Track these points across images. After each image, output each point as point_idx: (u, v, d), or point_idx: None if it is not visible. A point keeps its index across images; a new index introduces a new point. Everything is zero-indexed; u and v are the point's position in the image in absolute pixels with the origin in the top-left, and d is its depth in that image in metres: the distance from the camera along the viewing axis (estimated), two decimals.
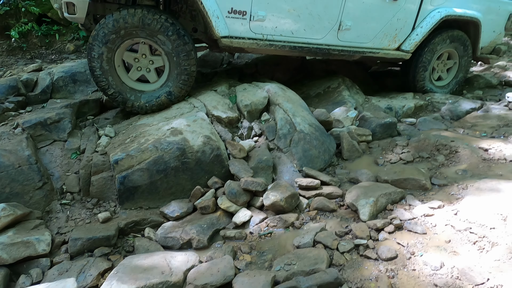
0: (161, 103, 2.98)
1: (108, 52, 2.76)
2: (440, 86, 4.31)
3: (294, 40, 3.28)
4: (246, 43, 3.08)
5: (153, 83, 3.02)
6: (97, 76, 2.79)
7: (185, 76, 2.93)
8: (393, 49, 3.78)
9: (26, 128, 2.64)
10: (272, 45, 3.18)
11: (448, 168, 2.64)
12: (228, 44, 3.02)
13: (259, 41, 3.13)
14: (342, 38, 3.46)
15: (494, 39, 4.42)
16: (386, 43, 3.70)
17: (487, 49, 4.48)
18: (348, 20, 3.39)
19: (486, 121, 3.48)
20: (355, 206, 2.21)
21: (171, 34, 2.77)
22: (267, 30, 3.14)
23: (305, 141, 2.81)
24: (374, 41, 3.62)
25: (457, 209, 2.09)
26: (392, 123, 3.31)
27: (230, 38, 3.01)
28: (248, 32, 3.08)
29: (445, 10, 3.78)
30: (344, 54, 3.54)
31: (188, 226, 2.23)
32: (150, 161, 2.44)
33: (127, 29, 2.71)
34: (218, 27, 2.90)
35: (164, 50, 2.85)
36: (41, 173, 2.42)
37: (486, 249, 1.77)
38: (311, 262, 1.79)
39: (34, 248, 1.96)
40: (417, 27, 3.76)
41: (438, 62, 4.21)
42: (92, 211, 2.42)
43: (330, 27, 3.35)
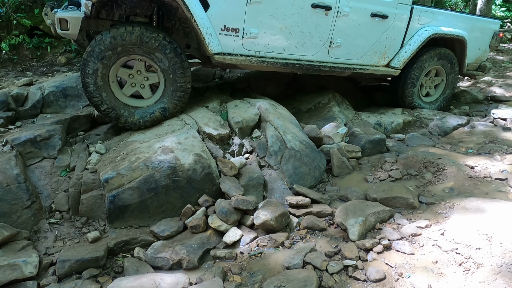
0: (155, 119, 2.99)
1: (103, 68, 2.76)
2: (428, 102, 4.44)
3: (286, 56, 3.36)
4: (239, 59, 3.13)
5: (147, 99, 3.03)
6: (91, 92, 2.79)
7: (181, 93, 2.96)
8: (383, 66, 3.91)
9: (15, 145, 2.62)
10: (264, 61, 3.25)
11: (435, 186, 2.69)
12: (221, 61, 3.07)
13: (252, 57, 3.19)
14: (333, 55, 3.56)
15: (479, 56, 4.61)
16: (375, 60, 3.82)
17: (473, 65, 4.66)
18: (339, 37, 3.48)
19: (472, 137, 3.56)
20: (345, 225, 2.23)
21: (168, 52, 2.80)
22: (260, 47, 3.21)
23: (296, 158, 2.84)
24: (364, 58, 3.73)
25: (444, 229, 2.12)
26: (381, 139, 3.37)
27: (223, 54, 3.07)
28: (240, 49, 3.15)
29: (432, 29, 3.92)
30: (335, 70, 3.62)
31: (178, 245, 2.22)
32: (140, 179, 2.44)
33: (124, 46, 2.73)
34: (211, 44, 2.96)
35: (161, 67, 2.88)
36: (29, 192, 2.39)
37: (472, 270, 1.80)
38: (300, 284, 1.79)
39: (21, 271, 1.93)
40: (406, 45, 3.90)
41: (426, 78, 4.34)
42: (81, 230, 2.40)
43: (321, 44, 3.44)
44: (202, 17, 2.85)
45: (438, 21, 4.00)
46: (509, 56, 7.15)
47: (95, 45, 2.70)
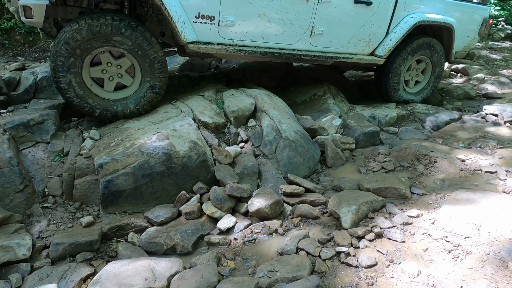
0: (150, 100, 2.94)
1: (75, 77, 2.66)
2: (413, 93, 4.35)
3: (265, 45, 3.22)
4: (215, 48, 3.00)
5: (131, 86, 2.94)
6: (77, 104, 2.74)
7: (158, 64, 2.85)
8: (367, 54, 3.76)
9: (8, 129, 2.58)
10: (242, 50, 3.11)
11: (427, 178, 2.74)
12: (195, 50, 2.94)
13: (229, 46, 3.06)
14: (315, 43, 3.42)
15: (468, 44, 4.48)
16: (359, 49, 3.69)
17: (461, 53, 4.54)
18: (321, 25, 3.35)
19: (464, 132, 3.62)
20: (338, 213, 2.26)
21: (124, 31, 2.65)
22: (237, 35, 3.07)
23: (291, 148, 2.85)
24: (348, 46, 3.59)
25: (435, 218, 2.17)
26: (375, 132, 3.41)
27: (197, 43, 2.93)
28: (217, 37, 3.01)
29: (419, 16, 3.77)
30: (316, 59, 3.51)
31: (172, 231, 2.23)
32: (135, 165, 2.44)
33: (81, 46, 2.60)
34: (185, 32, 2.82)
35: (126, 49, 2.74)
36: (22, 176, 2.37)
37: (461, 257, 1.85)
38: (293, 269, 1.82)
39: (14, 253, 1.92)
40: (391, 32, 3.75)
41: (410, 72, 4.23)
42: (74, 215, 2.40)
43: (302, 32, 3.30)
44: (174, 4, 2.71)
45: (426, 7, 3.84)
46: (503, 54, 7.24)
47: (54, 59, 2.58)
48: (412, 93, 4.35)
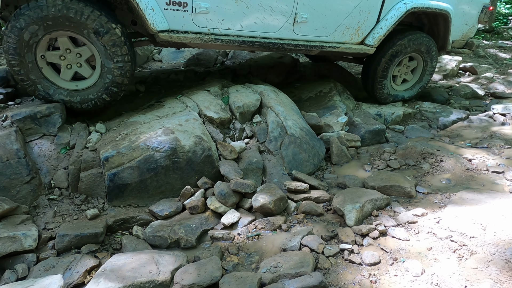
0: (106, 97, 2.80)
1: (27, 60, 2.57)
2: (402, 90, 4.16)
3: (244, 34, 3.03)
4: (188, 37, 2.83)
5: (89, 78, 2.81)
6: (27, 86, 2.67)
7: (119, 56, 2.67)
8: (356, 43, 3.53)
9: (15, 121, 2.60)
10: (218, 39, 2.93)
11: (433, 177, 2.72)
12: (167, 39, 2.79)
13: (203, 35, 2.88)
14: (299, 31, 3.21)
15: (466, 33, 4.16)
16: (348, 37, 3.45)
17: (459, 42, 4.23)
18: (304, 12, 3.13)
19: (471, 131, 3.59)
20: (342, 211, 2.26)
21: (80, 15, 2.50)
22: (213, 23, 2.89)
23: (295, 144, 2.85)
24: (335, 34, 3.37)
25: (440, 217, 2.15)
26: (381, 130, 3.39)
27: (169, 32, 2.77)
28: (191, 25, 2.83)
29: (412, 2, 3.50)
30: (301, 48, 3.31)
31: (176, 225, 2.24)
32: (140, 159, 2.45)
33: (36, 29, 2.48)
34: (154, 20, 2.65)
35: (85, 36, 2.59)
36: (29, 168, 2.40)
37: (465, 257, 1.84)
38: (297, 265, 1.82)
39: (21, 243, 1.95)
40: (382, 20, 3.50)
41: (400, 67, 4.04)
42: (80, 207, 2.41)
43: (285, 20, 3.09)
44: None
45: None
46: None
47: (6, 42, 2.44)
48: (401, 90, 4.16)
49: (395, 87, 4.12)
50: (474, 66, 5.85)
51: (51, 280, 1.68)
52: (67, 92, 2.79)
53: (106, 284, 1.70)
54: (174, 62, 4.81)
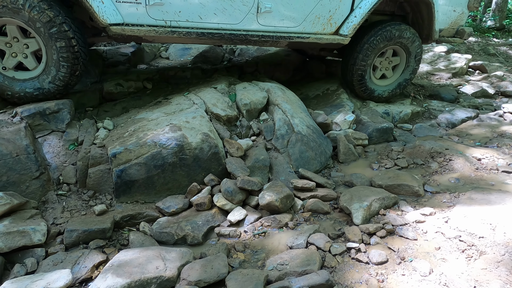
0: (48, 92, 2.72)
1: None
2: (383, 85, 3.94)
3: (203, 25, 2.91)
4: (142, 30, 2.74)
5: (33, 70, 2.73)
6: None
7: (64, 53, 2.61)
8: (330, 34, 3.36)
9: (24, 117, 2.63)
10: (174, 32, 2.83)
11: (441, 176, 2.69)
12: (119, 32, 2.69)
13: (159, 28, 2.78)
14: (264, 22, 3.08)
15: (455, 20, 3.93)
16: (319, 27, 3.29)
17: (448, 31, 3.97)
18: (267, 1, 3.00)
19: (481, 131, 3.54)
20: (349, 209, 2.24)
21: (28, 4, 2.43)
22: (169, 15, 2.79)
23: (302, 142, 2.84)
24: (305, 24, 3.21)
25: (448, 217, 2.13)
26: (389, 128, 3.36)
27: (122, 25, 2.68)
28: (146, 18, 2.74)
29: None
30: (266, 40, 3.15)
31: (183, 222, 2.25)
32: (148, 156, 2.46)
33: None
34: (104, 13, 2.58)
35: (33, 28, 2.52)
36: (38, 163, 2.42)
37: (474, 257, 1.81)
38: (303, 263, 1.82)
39: (30, 238, 1.97)
40: (356, 8, 3.32)
41: (381, 59, 3.82)
42: (88, 203, 2.43)
43: (247, 10, 2.96)
44: None
45: None
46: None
47: None
48: (381, 85, 3.93)
49: (375, 81, 3.90)
50: (484, 64, 5.76)
51: (60, 274, 1.70)
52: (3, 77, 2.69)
53: (114, 279, 1.71)
54: (181, 60, 4.82)
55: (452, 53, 6.05)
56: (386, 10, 3.67)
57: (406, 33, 3.62)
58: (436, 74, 5.45)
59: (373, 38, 3.54)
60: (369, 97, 3.88)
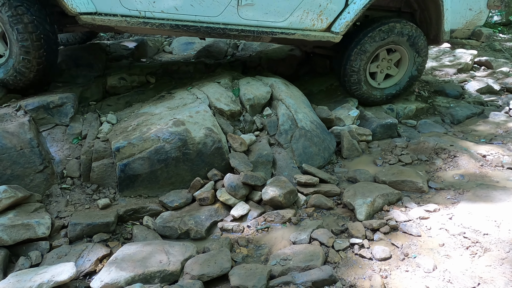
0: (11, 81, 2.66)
1: None
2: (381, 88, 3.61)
3: (179, 18, 2.79)
4: (113, 20, 2.65)
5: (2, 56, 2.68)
6: None
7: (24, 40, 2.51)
8: (321, 30, 3.11)
9: (28, 111, 2.63)
10: (147, 23, 2.72)
11: (445, 172, 2.67)
12: (90, 22, 2.61)
13: (132, 18, 2.69)
14: (245, 16, 2.89)
15: (471, 20, 3.52)
16: (308, 23, 3.04)
17: (462, 32, 3.59)
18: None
19: (486, 127, 3.51)
20: (352, 205, 2.24)
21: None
22: (143, 5, 2.69)
23: (306, 138, 2.83)
24: (291, 20, 2.99)
25: (452, 214, 2.12)
26: (393, 124, 3.34)
27: (92, 15, 2.60)
28: (119, 8, 2.65)
29: None
30: (247, 34, 2.97)
31: (186, 216, 2.25)
32: (151, 150, 2.46)
33: None
34: (73, 2, 2.49)
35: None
36: (42, 157, 2.43)
37: (479, 254, 1.81)
38: (306, 259, 1.82)
39: (34, 231, 1.98)
40: (351, 3, 3.06)
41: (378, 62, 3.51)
42: (91, 197, 2.44)
43: (226, 2, 2.80)
44: None
45: None
46: None
47: None
48: (380, 88, 3.60)
49: (374, 84, 3.58)
50: (490, 60, 5.70)
51: (64, 267, 1.71)
52: None
53: (118, 272, 1.72)
54: (184, 54, 4.80)
55: (457, 49, 5.99)
56: (391, 6, 3.44)
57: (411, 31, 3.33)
58: (441, 69, 5.41)
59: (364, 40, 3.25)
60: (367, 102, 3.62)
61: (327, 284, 1.69)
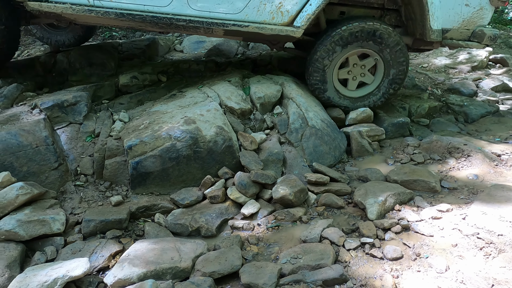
0: None
1: None
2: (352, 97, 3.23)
3: (126, 7, 2.74)
4: (59, 7, 2.66)
5: None
6: None
7: None
8: (281, 24, 2.88)
9: (43, 109, 2.69)
10: (92, 11, 2.70)
11: (459, 172, 2.63)
12: (37, 8, 2.64)
13: (77, 6, 2.68)
14: (196, 6, 2.78)
15: (469, 18, 3.06)
16: (267, 16, 2.84)
17: (459, 32, 3.11)
18: None
19: (501, 126, 3.44)
20: (363, 204, 2.22)
21: None
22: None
23: (317, 136, 2.82)
24: (247, 11, 2.81)
25: (466, 214, 2.09)
26: (405, 122, 3.30)
27: (39, 1, 2.62)
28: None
29: None
30: (197, 26, 2.83)
31: (197, 214, 2.27)
32: (163, 148, 2.48)
33: None
34: None
35: None
36: (57, 154, 2.48)
37: (493, 255, 1.78)
38: (317, 257, 1.82)
39: (49, 227, 2.02)
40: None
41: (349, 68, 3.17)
42: (104, 194, 2.48)
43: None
44: None
45: None
46: None
47: None
48: (351, 98, 3.22)
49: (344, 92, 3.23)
50: (505, 57, 5.57)
51: (78, 263, 1.74)
52: None
53: (130, 269, 1.75)
54: (195, 53, 4.83)
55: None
56: (373, 2, 3.06)
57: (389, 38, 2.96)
58: (455, 67, 5.32)
59: (326, 40, 2.96)
60: None
61: (337, 283, 1.69)
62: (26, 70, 3.40)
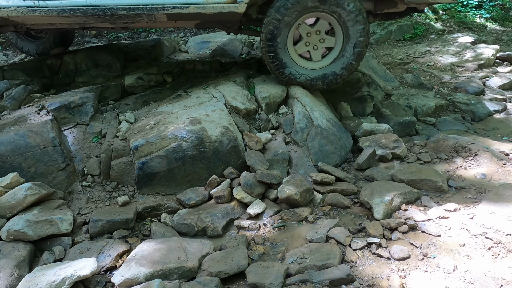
0: None
1: None
2: (314, 68, 3.02)
3: (69, 4, 2.70)
4: (4, 11, 2.68)
5: None
6: None
7: None
8: (225, 2, 2.70)
9: (51, 110, 2.72)
10: (35, 10, 2.69)
11: (466, 171, 2.61)
12: None
13: (21, 8, 2.69)
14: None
15: None
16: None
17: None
18: None
19: (509, 124, 3.41)
20: (370, 204, 2.21)
21: None
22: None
23: (322, 136, 2.81)
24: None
25: (474, 213, 2.07)
26: (411, 122, 3.28)
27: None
28: (15, 0, 2.69)
29: None
30: (138, 14, 2.74)
31: (203, 214, 2.28)
32: (169, 148, 2.49)
33: None
34: None
35: None
36: (64, 155, 2.50)
37: (501, 255, 1.76)
38: (323, 257, 1.82)
39: (57, 227, 2.04)
40: None
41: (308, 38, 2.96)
42: (111, 194, 2.50)
43: None
44: None
45: None
46: None
47: None
48: (312, 69, 3.01)
49: (307, 65, 3.02)
50: None
51: (86, 262, 1.76)
52: None
53: (138, 268, 1.76)
54: (200, 53, 4.84)
55: (479, 44, 5.82)
56: None
57: None
58: (462, 66, 5.26)
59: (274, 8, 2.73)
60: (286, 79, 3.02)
61: (344, 283, 1.68)
62: (33, 72, 3.43)
